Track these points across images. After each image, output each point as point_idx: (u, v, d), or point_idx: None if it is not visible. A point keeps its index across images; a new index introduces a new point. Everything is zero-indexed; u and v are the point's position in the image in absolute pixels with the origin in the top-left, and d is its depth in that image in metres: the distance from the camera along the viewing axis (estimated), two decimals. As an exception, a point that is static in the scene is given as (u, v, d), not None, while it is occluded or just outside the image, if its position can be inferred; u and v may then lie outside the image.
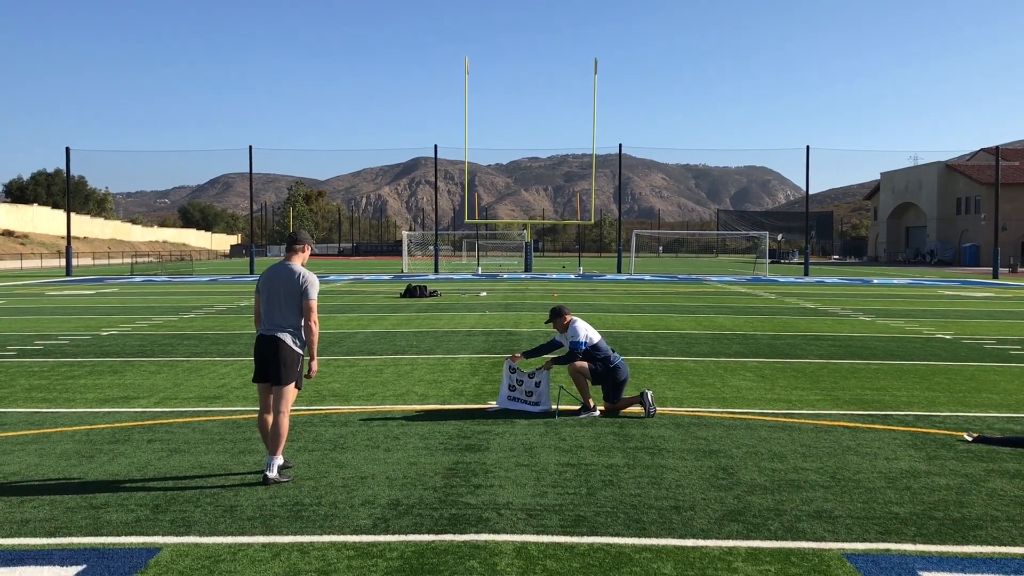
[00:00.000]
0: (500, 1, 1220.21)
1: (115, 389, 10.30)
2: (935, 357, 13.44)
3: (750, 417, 8.74)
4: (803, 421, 8.56)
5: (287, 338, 6.47)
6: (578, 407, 8.93)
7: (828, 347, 14.57)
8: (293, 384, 6.52)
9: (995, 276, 45.45)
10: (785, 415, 8.85)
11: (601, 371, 8.87)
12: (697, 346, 14.60)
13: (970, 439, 7.75)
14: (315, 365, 6.69)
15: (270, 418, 6.42)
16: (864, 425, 8.41)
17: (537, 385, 8.94)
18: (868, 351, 14.05)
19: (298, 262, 6.71)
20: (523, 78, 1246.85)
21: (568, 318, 9.21)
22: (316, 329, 6.56)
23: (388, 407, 9.16)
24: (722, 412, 8.99)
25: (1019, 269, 59.70)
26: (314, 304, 6.53)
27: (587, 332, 9.07)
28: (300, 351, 6.56)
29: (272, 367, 6.44)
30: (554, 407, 8.89)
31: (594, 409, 8.78)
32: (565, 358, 9.01)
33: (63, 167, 55.12)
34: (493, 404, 9.25)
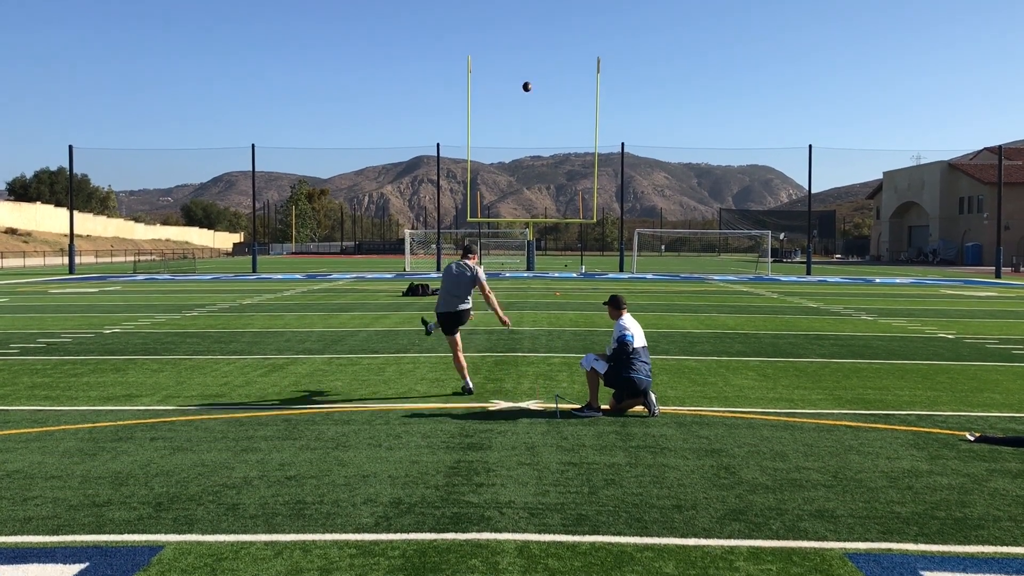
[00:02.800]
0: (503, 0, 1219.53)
1: (118, 387, 10.32)
2: (937, 356, 13.43)
3: (752, 416, 8.74)
4: (805, 420, 8.56)
5: (464, 306, 10.04)
6: (580, 405, 8.92)
7: (830, 346, 14.57)
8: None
9: (998, 275, 45.39)
10: (787, 414, 8.85)
11: (613, 375, 8.77)
12: (699, 345, 14.61)
13: (972, 439, 7.75)
14: (505, 318, 10.39)
15: (462, 355, 10.06)
16: (866, 424, 8.41)
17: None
18: (870, 350, 14.05)
19: (472, 262, 10.29)
20: (526, 76, 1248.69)
21: (622, 312, 9.17)
22: (493, 296, 10.28)
23: (390, 405, 9.17)
24: (724, 411, 8.99)
25: (1022, 268, 59.62)
26: (487, 283, 10.19)
27: (634, 330, 8.98)
28: (470, 309, 10.11)
29: (459, 323, 10.03)
30: (555, 407, 8.90)
31: (598, 409, 8.76)
32: (615, 352, 8.88)
33: (66, 165, 55.13)
34: (497, 403, 9.27)
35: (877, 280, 40.89)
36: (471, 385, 9.91)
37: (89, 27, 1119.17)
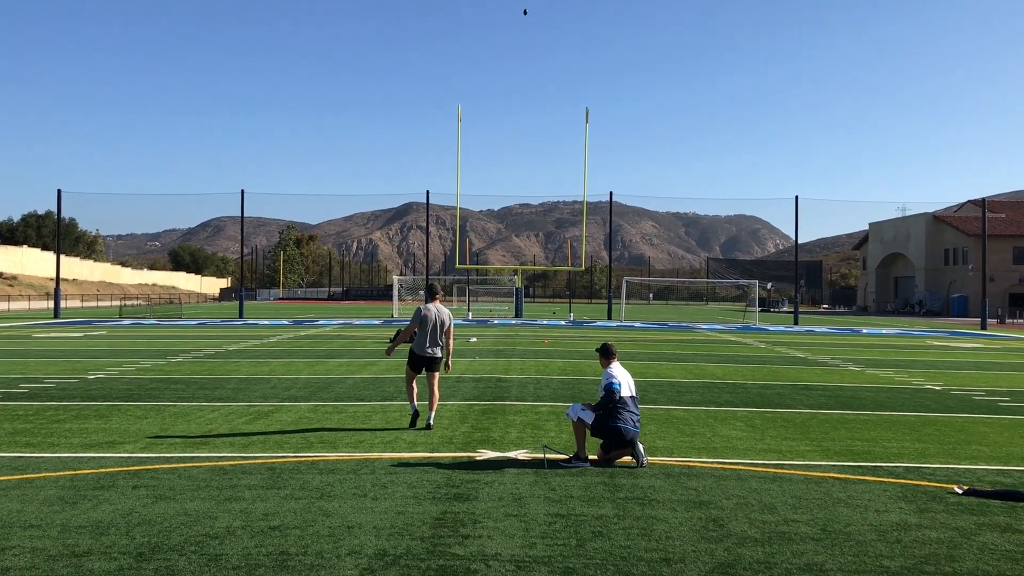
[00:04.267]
0: (493, 49, 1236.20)
1: (101, 434, 10.20)
2: (925, 408, 13.44)
3: (740, 467, 8.70)
4: (793, 472, 8.53)
5: (441, 353, 10.91)
6: (568, 455, 8.86)
7: (818, 397, 14.57)
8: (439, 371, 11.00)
9: (983, 327, 45.66)
10: (775, 466, 8.82)
11: (599, 425, 8.72)
12: (687, 395, 14.58)
13: (960, 492, 7.73)
14: (451, 363, 11.14)
15: (416, 387, 10.95)
16: (854, 476, 8.38)
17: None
18: (858, 401, 14.05)
19: (438, 303, 11.00)
20: (515, 125, 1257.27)
21: (612, 361, 9.18)
22: (452, 342, 11.06)
23: (376, 455, 9.09)
24: (712, 462, 8.94)
25: (1007, 320, 59.99)
26: (452, 326, 10.97)
27: (622, 379, 8.96)
28: (445, 354, 10.98)
29: (429, 366, 10.81)
30: (543, 457, 8.84)
31: (585, 460, 8.71)
32: (602, 400, 8.85)
33: (54, 209, 55.07)
34: (484, 452, 9.19)
35: (864, 331, 41.05)
36: (417, 409, 10.82)
37: (79, 71, 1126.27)
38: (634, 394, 9.02)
